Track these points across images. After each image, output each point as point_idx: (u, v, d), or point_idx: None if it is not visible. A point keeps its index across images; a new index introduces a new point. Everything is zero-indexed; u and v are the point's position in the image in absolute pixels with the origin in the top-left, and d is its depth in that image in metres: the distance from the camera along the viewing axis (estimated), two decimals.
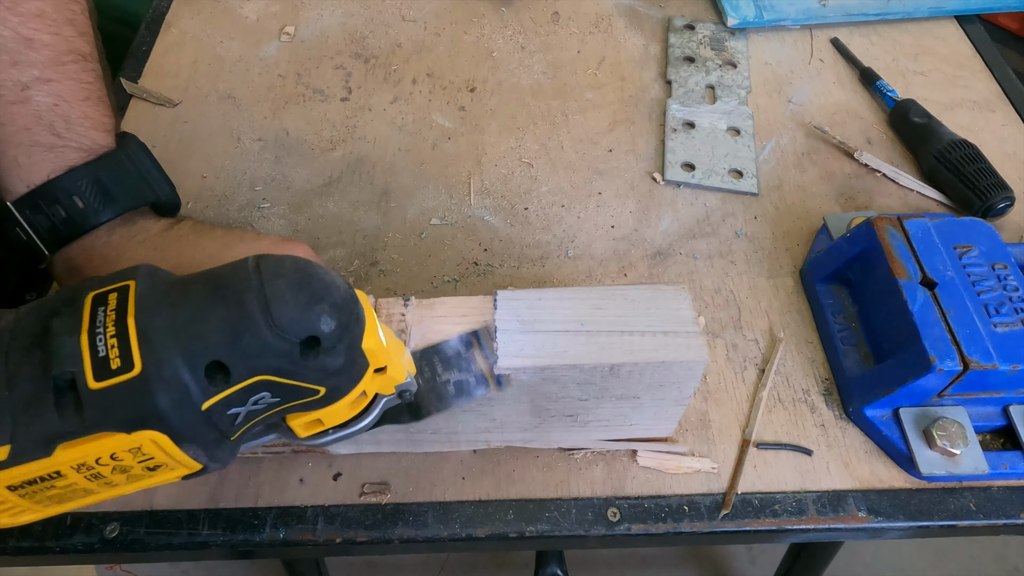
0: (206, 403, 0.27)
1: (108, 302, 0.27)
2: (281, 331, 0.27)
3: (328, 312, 0.29)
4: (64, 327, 0.26)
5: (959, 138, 0.65)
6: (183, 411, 0.27)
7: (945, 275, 0.50)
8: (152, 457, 0.28)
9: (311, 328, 0.28)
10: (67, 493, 0.29)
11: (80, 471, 0.27)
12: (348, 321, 0.30)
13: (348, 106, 0.73)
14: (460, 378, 0.40)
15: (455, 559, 1.30)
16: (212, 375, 0.27)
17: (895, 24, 0.82)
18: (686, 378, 0.43)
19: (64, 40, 0.37)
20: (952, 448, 0.47)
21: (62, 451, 0.26)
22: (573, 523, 0.47)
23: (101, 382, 0.26)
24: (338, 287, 0.30)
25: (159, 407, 0.26)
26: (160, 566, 1.28)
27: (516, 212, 0.64)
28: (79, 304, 0.27)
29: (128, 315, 0.26)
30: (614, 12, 0.84)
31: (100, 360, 0.26)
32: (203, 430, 0.28)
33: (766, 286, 0.59)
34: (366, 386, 0.33)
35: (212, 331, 0.27)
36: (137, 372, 0.26)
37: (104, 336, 0.26)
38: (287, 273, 0.29)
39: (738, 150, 0.68)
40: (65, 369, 0.26)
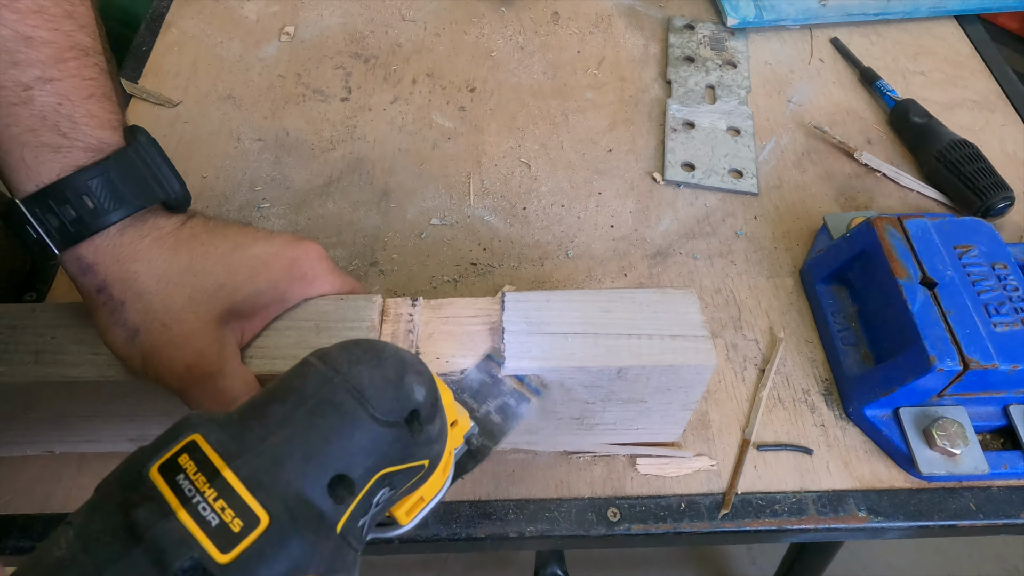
0: (339, 523, 0.25)
1: (184, 467, 0.24)
2: (385, 417, 0.26)
3: (416, 381, 0.28)
4: (153, 514, 0.22)
5: (959, 138, 0.65)
6: (323, 541, 0.24)
7: (945, 275, 0.50)
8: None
9: (411, 403, 0.27)
10: None
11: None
12: (432, 382, 0.29)
13: (348, 106, 0.73)
14: (498, 404, 0.40)
15: (455, 559, 1.30)
16: (335, 491, 0.25)
17: (895, 24, 0.82)
18: (694, 382, 0.42)
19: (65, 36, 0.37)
20: (952, 448, 0.47)
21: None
22: (573, 523, 0.47)
23: (231, 552, 0.22)
24: (404, 353, 0.29)
25: (304, 550, 0.23)
26: None
27: (516, 212, 0.64)
28: (148, 484, 0.23)
29: (222, 469, 0.23)
30: (614, 12, 0.84)
31: (217, 529, 0.22)
32: (343, 554, 0.26)
33: (766, 286, 0.59)
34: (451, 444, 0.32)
35: (320, 446, 0.25)
36: (267, 524, 0.23)
37: (206, 502, 0.23)
38: (361, 358, 0.27)
39: (738, 150, 0.68)
40: (183, 557, 0.22)
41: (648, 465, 0.49)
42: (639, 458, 0.49)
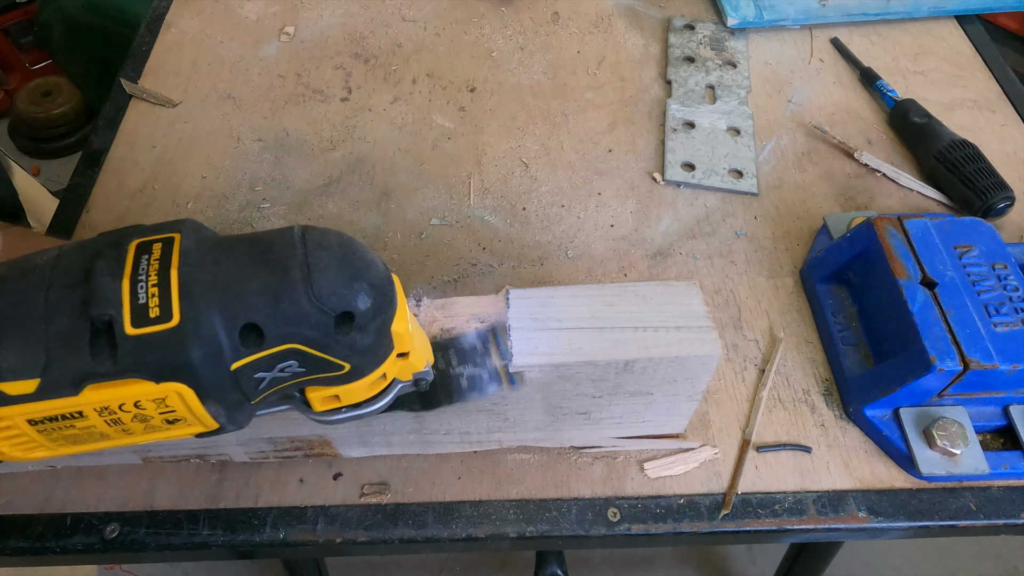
0: (236, 363, 0.28)
1: (152, 251, 0.27)
2: (320, 303, 0.28)
3: (366, 290, 0.29)
4: (107, 270, 0.26)
5: (959, 138, 0.65)
6: (213, 368, 0.27)
7: (945, 275, 0.50)
8: (174, 410, 0.28)
9: (348, 304, 0.29)
10: (84, 435, 0.29)
11: (102, 415, 0.27)
12: (383, 302, 0.30)
13: (348, 106, 0.72)
14: (474, 373, 0.41)
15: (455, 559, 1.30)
16: (246, 337, 0.28)
17: (895, 24, 0.82)
18: (699, 372, 0.43)
19: None
20: (952, 448, 0.47)
21: (90, 392, 0.26)
22: (573, 523, 0.47)
23: (138, 328, 0.26)
24: (378, 267, 0.31)
25: (192, 361, 0.26)
26: (160, 566, 1.28)
27: (516, 212, 0.64)
28: (123, 249, 0.27)
29: (172, 266, 0.27)
30: (614, 12, 0.84)
31: (139, 307, 0.26)
32: (228, 390, 0.28)
33: (766, 286, 0.59)
34: (387, 369, 0.33)
35: (252, 293, 0.27)
36: (175, 324, 0.26)
37: (146, 284, 0.26)
38: (331, 247, 0.29)
39: (738, 150, 0.68)
40: (105, 311, 0.26)
41: (656, 468, 0.49)
42: (647, 463, 0.49)
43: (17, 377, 0.26)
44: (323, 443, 0.46)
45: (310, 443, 0.46)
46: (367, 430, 0.45)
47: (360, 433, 0.46)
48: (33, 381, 0.26)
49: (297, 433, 0.45)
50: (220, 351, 0.27)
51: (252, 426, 0.43)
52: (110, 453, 0.46)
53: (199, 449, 0.46)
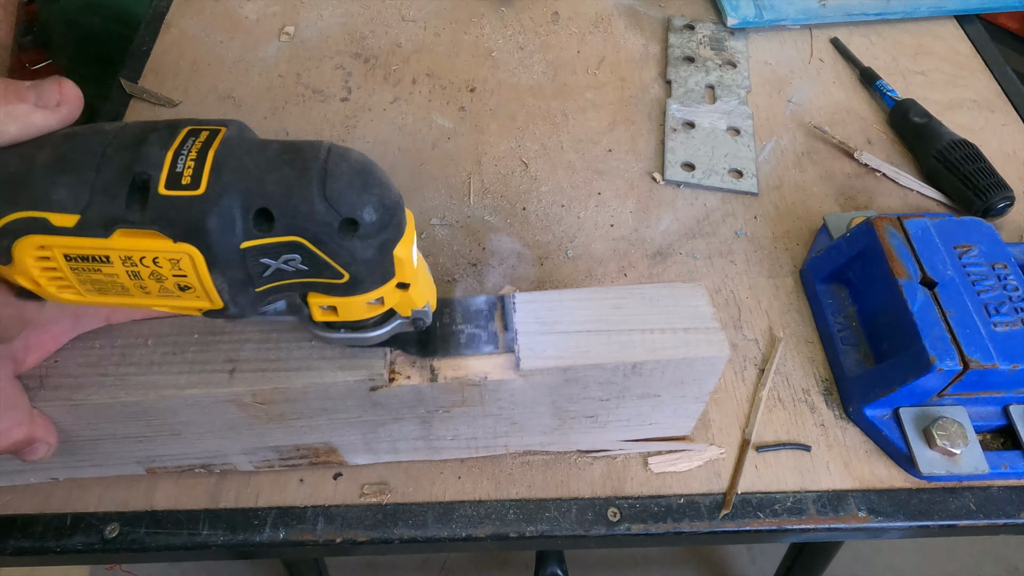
0: (245, 243, 0.31)
1: (199, 135, 0.31)
2: (328, 203, 0.30)
3: (374, 204, 0.31)
4: (157, 140, 0.30)
5: (959, 138, 0.65)
6: (224, 240, 0.30)
7: (945, 275, 0.50)
8: (185, 275, 0.31)
9: (354, 211, 0.31)
10: (108, 284, 0.32)
11: (125, 264, 0.31)
12: (388, 221, 0.32)
13: (348, 106, 0.73)
14: (474, 332, 0.42)
15: (455, 559, 1.30)
16: (259, 222, 0.31)
17: (895, 24, 0.82)
18: (707, 374, 0.43)
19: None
20: (952, 448, 0.47)
21: (118, 236, 0.30)
22: (573, 523, 0.47)
23: (169, 191, 0.30)
24: (391, 190, 0.33)
25: (207, 227, 0.30)
26: (160, 566, 1.28)
27: (516, 212, 0.64)
28: (176, 130, 0.31)
29: (211, 149, 0.30)
30: (614, 12, 0.84)
31: (175, 174, 0.30)
32: (235, 266, 0.31)
33: (766, 286, 0.59)
34: (386, 293, 0.35)
35: (271, 183, 0.30)
36: (200, 192, 0.30)
37: (185, 158, 0.30)
38: (351, 160, 0.32)
39: (738, 150, 0.68)
40: (145, 170, 0.30)
41: (660, 463, 0.49)
42: (651, 457, 0.49)
43: (63, 210, 0.30)
44: (329, 451, 0.46)
45: (315, 451, 0.46)
46: (373, 436, 0.45)
47: (366, 440, 0.45)
48: (74, 216, 0.30)
49: (302, 441, 0.45)
50: (233, 226, 0.30)
51: (256, 434, 0.43)
52: (112, 464, 0.46)
53: (203, 459, 0.46)
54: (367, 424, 0.44)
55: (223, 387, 0.39)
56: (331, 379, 0.39)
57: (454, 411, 0.43)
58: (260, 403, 0.40)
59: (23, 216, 0.30)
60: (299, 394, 0.40)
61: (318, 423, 0.43)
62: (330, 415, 0.42)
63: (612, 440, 0.49)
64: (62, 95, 0.31)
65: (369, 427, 0.44)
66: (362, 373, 0.39)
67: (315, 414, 0.42)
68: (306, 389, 0.40)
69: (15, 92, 0.30)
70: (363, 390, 0.40)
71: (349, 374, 0.39)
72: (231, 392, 0.39)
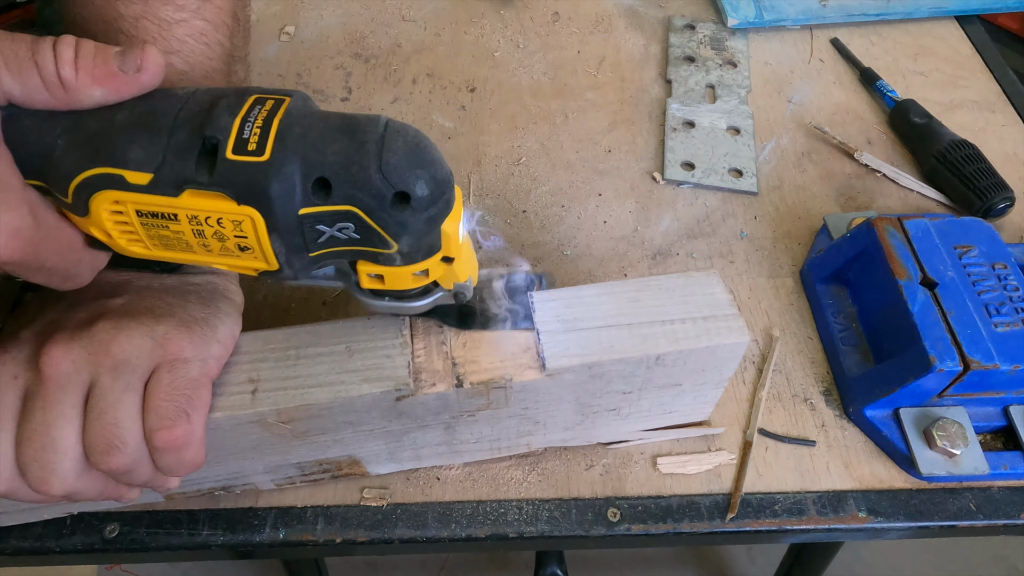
0: (303, 209, 0.32)
1: (265, 104, 0.33)
2: (383, 175, 0.32)
3: (426, 179, 0.33)
4: (226, 107, 0.32)
5: (959, 138, 0.65)
6: (284, 204, 0.32)
7: (945, 275, 0.49)
8: (246, 236, 0.33)
9: (407, 184, 0.32)
10: (174, 240, 0.34)
11: (191, 223, 0.33)
12: (439, 196, 0.34)
13: (348, 106, 0.72)
14: (513, 307, 0.42)
15: (455, 559, 1.30)
16: (317, 190, 0.32)
17: (895, 24, 0.82)
18: (728, 360, 0.43)
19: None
20: (952, 448, 0.47)
21: (187, 196, 0.32)
22: (573, 523, 0.47)
23: (236, 155, 0.31)
24: (443, 167, 0.34)
25: (270, 192, 0.31)
26: (160, 566, 1.28)
27: (516, 212, 0.64)
28: (244, 98, 0.33)
29: (276, 117, 0.32)
30: (614, 12, 0.83)
31: (242, 140, 0.31)
32: (292, 230, 0.33)
33: (766, 286, 0.59)
34: (431, 266, 0.36)
35: (331, 153, 0.32)
36: (265, 159, 0.31)
37: (252, 126, 0.32)
38: (407, 136, 0.33)
39: (738, 149, 0.68)
40: (215, 135, 0.31)
41: (669, 464, 0.49)
42: (660, 458, 0.49)
43: (138, 168, 0.31)
44: (352, 463, 0.46)
45: (338, 464, 0.46)
46: (397, 445, 0.45)
47: (391, 449, 0.45)
48: (148, 175, 0.31)
49: (326, 456, 0.44)
50: (293, 192, 0.32)
51: (278, 452, 0.43)
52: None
53: (223, 481, 0.45)
54: (391, 434, 0.43)
55: (246, 408, 0.38)
56: (356, 392, 0.39)
57: (478, 414, 0.43)
58: (284, 422, 0.40)
59: (101, 172, 0.31)
60: (324, 409, 0.39)
61: (342, 436, 0.43)
62: (355, 428, 0.42)
63: (633, 431, 0.49)
64: (143, 62, 0.32)
65: (393, 436, 0.44)
66: (387, 384, 0.39)
67: (339, 428, 0.42)
68: (331, 404, 0.39)
69: (102, 57, 0.32)
70: (389, 401, 0.40)
71: (374, 386, 0.39)
72: (255, 413, 0.38)
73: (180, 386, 0.36)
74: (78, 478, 0.35)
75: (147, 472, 0.36)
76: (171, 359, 0.36)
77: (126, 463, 0.35)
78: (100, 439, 0.34)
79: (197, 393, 0.36)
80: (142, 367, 0.36)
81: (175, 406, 0.35)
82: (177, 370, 0.36)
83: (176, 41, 0.42)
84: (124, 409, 0.34)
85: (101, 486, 0.36)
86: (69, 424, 0.34)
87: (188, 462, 0.36)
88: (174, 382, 0.36)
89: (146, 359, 0.36)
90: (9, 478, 0.34)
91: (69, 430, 0.34)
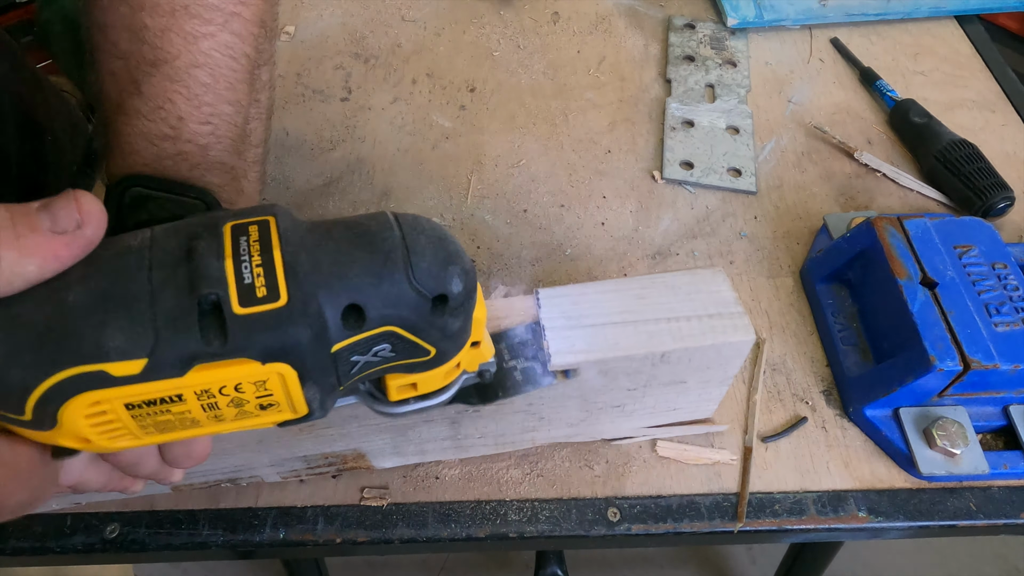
0: (337, 345, 0.28)
1: (250, 233, 0.27)
2: (419, 284, 0.28)
3: (459, 274, 0.30)
4: (209, 250, 0.26)
5: (959, 138, 0.65)
6: (318, 349, 0.27)
7: (945, 275, 0.49)
8: (271, 394, 0.28)
9: (444, 287, 0.29)
10: (175, 421, 0.28)
11: (200, 398, 0.27)
12: (472, 287, 0.31)
13: (348, 106, 0.72)
14: (527, 366, 0.41)
15: (455, 559, 1.30)
16: (347, 318, 0.28)
17: (895, 24, 0.82)
18: (733, 358, 0.43)
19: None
20: (952, 448, 0.47)
21: (195, 373, 0.26)
22: (573, 523, 0.47)
23: (247, 308, 0.26)
24: (465, 255, 0.31)
25: (300, 341, 0.26)
26: (160, 566, 1.28)
27: (515, 212, 0.64)
28: (218, 231, 0.27)
29: (274, 248, 0.27)
30: (614, 12, 0.83)
31: (246, 287, 0.26)
32: (327, 372, 0.28)
33: (766, 286, 0.59)
34: (462, 358, 0.33)
35: (356, 274, 0.28)
36: (283, 303, 0.26)
37: (250, 265, 0.26)
38: (426, 231, 0.30)
39: (737, 148, 0.68)
40: (212, 291, 0.26)
41: (667, 448, 0.49)
42: (659, 441, 0.49)
43: (124, 357, 0.25)
44: (357, 457, 0.46)
45: (344, 458, 0.46)
46: (402, 439, 0.45)
47: (395, 443, 0.45)
48: (140, 361, 0.25)
49: (331, 449, 0.45)
50: (325, 331, 0.27)
51: (284, 445, 0.43)
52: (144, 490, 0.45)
53: (230, 474, 0.46)
54: (396, 428, 0.43)
55: None
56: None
57: (483, 409, 0.43)
58: None
59: (73, 374, 0.25)
60: None
61: (348, 430, 0.43)
62: (360, 421, 0.42)
63: (637, 427, 0.49)
64: (81, 213, 0.25)
65: (398, 431, 0.44)
66: None
67: (345, 421, 0.42)
68: None
69: (25, 221, 0.25)
70: None
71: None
72: None
73: None
74: (85, 469, 0.34)
75: (153, 464, 0.36)
76: None
77: (133, 455, 0.34)
78: None
79: None
80: None
81: None
82: None
83: (201, 55, 0.40)
84: None
85: (106, 478, 0.36)
86: None
87: (196, 455, 0.36)
88: None
89: None
90: None
91: None
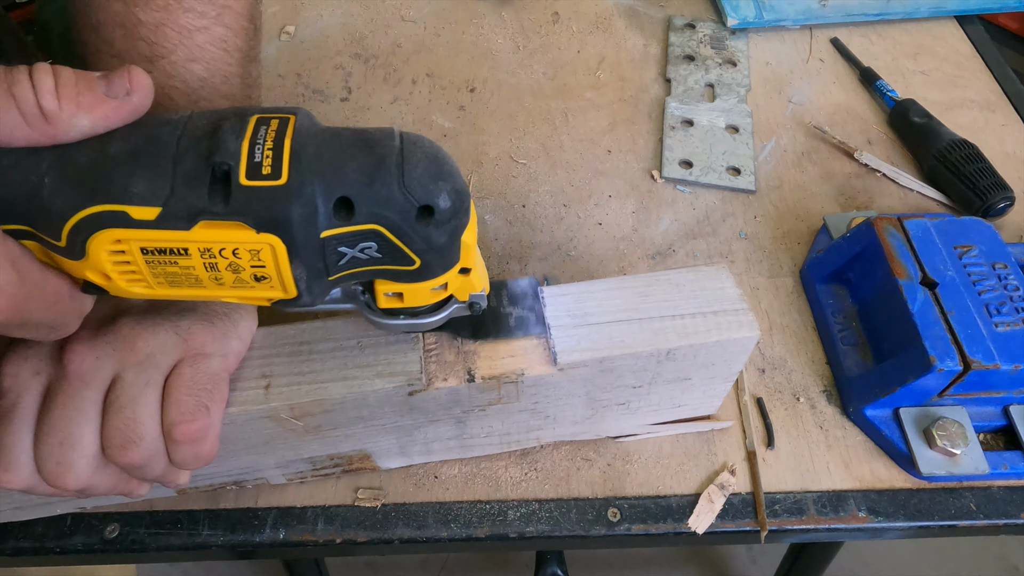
0: (326, 232, 0.31)
1: (270, 124, 0.31)
2: (407, 190, 0.31)
3: (448, 191, 0.32)
4: (231, 130, 0.30)
5: (959, 138, 0.65)
6: (307, 229, 0.30)
7: (945, 275, 0.49)
8: (264, 266, 0.31)
9: (431, 198, 0.31)
10: (182, 276, 0.32)
11: (203, 256, 0.30)
12: (460, 207, 0.33)
13: (348, 106, 0.72)
14: (522, 314, 0.42)
15: (455, 559, 1.30)
16: (338, 209, 0.31)
17: (895, 24, 0.82)
18: (738, 354, 0.43)
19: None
20: (952, 448, 0.47)
21: (200, 228, 0.29)
22: (573, 523, 0.47)
23: (251, 181, 0.29)
24: (460, 177, 0.33)
25: (291, 217, 0.29)
26: (160, 566, 1.28)
27: (516, 212, 0.64)
28: (245, 119, 0.31)
29: (286, 137, 0.30)
30: (614, 12, 0.83)
31: (254, 164, 0.29)
32: (314, 255, 0.31)
33: (766, 286, 0.59)
34: (450, 279, 0.35)
35: (351, 171, 0.30)
36: (282, 182, 0.29)
37: (262, 147, 0.30)
38: (425, 148, 0.32)
39: (736, 147, 0.68)
40: (225, 161, 0.29)
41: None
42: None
43: (143, 203, 0.29)
44: (363, 457, 0.46)
45: (349, 459, 0.46)
46: (408, 440, 0.45)
47: (401, 444, 0.45)
48: (156, 209, 0.29)
49: (337, 450, 0.45)
50: (315, 215, 0.30)
51: (290, 447, 0.43)
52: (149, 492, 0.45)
53: (236, 476, 0.46)
54: (403, 428, 0.43)
55: (260, 404, 0.38)
56: (369, 387, 0.39)
57: (489, 409, 0.43)
58: (296, 417, 0.40)
59: (102, 210, 0.29)
60: (337, 404, 0.39)
61: (354, 431, 0.43)
62: (366, 423, 0.42)
63: (641, 424, 0.49)
64: (132, 84, 0.30)
65: (405, 431, 0.44)
66: (400, 379, 0.39)
67: (351, 423, 0.42)
68: (344, 399, 0.39)
69: (85, 83, 0.29)
70: (401, 396, 0.40)
71: (387, 381, 0.39)
72: (268, 408, 0.38)
73: (201, 381, 0.36)
74: (93, 473, 0.35)
75: (160, 467, 0.36)
76: (193, 354, 0.37)
77: (141, 457, 0.35)
78: (117, 433, 0.34)
79: (217, 388, 0.36)
80: (166, 362, 0.36)
81: (196, 401, 0.35)
82: (199, 365, 0.36)
83: (197, 48, 0.41)
84: (144, 404, 0.35)
85: (114, 481, 0.36)
86: (88, 420, 0.34)
87: (203, 456, 0.36)
88: (195, 376, 0.36)
89: (170, 354, 0.36)
90: (29, 474, 0.34)
91: (88, 426, 0.34)
